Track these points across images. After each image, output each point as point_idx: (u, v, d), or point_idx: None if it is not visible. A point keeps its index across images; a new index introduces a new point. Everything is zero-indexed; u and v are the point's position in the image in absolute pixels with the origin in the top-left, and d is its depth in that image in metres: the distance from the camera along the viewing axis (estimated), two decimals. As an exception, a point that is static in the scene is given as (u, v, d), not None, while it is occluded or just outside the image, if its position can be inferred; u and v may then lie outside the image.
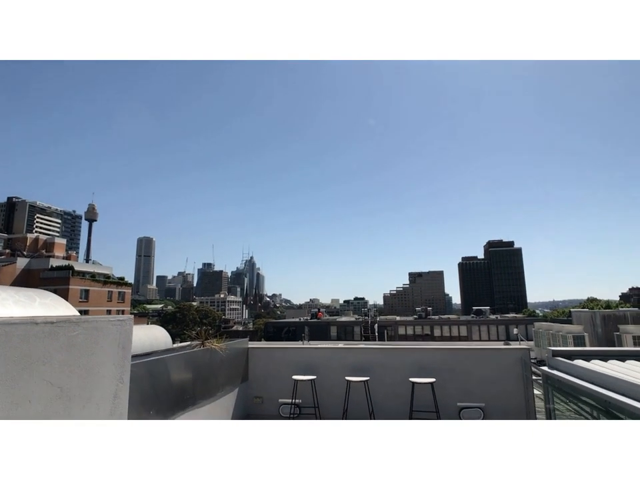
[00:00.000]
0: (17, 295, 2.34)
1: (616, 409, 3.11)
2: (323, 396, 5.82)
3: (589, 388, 3.33)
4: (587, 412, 3.79)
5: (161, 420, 3.85)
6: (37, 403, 1.80)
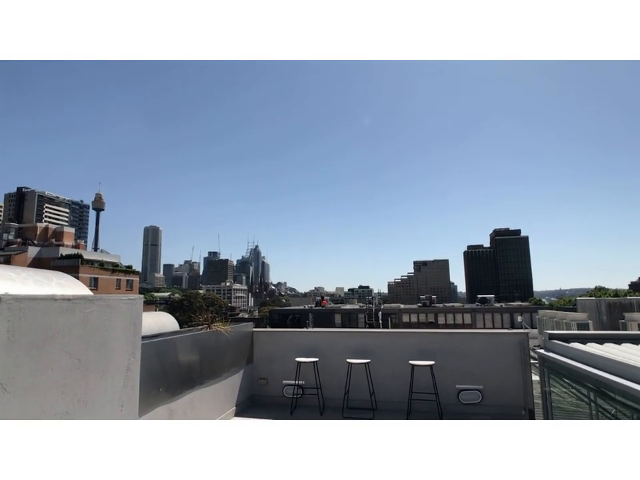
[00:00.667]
0: (35, 275, 2.49)
1: (607, 389, 3.22)
2: (325, 377, 6.00)
3: (581, 369, 3.44)
4: (583, 394, 3.91)
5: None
6: (58, 371, 1.95)
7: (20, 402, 1.75)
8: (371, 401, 5.76)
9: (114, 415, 2.32)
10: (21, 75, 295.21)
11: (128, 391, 2.43)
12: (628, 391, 2.78)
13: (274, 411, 5.84)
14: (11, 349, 1.72)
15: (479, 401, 5.55)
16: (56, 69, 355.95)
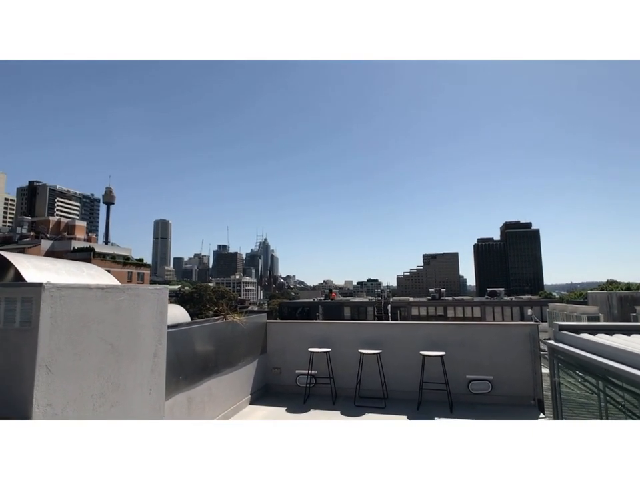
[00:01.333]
0: (68, 266, 2.64)
1: (616, 377, 3.29)
2: (338, 367, 6.13)
3: (590, 358, 3.51)
4: (592, 384, 3.98)
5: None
6: (94, 355, 2.09)
7: (62, 383, 1.90)
8: (383, 390, 5.88)
9: (143, 399, 2.46)
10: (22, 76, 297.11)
11: (155, 377, 2.58)
12: (635, 379, 2.85)
13: (288, 399, 5.99)
14: (54, 334, 1.87)
15: (489, 391, 5.64)
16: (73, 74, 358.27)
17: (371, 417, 5.21)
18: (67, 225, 68.39)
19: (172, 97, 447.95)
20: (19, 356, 1.80)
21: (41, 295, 1.83)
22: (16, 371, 1.79)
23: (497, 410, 5.34)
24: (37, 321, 1.80)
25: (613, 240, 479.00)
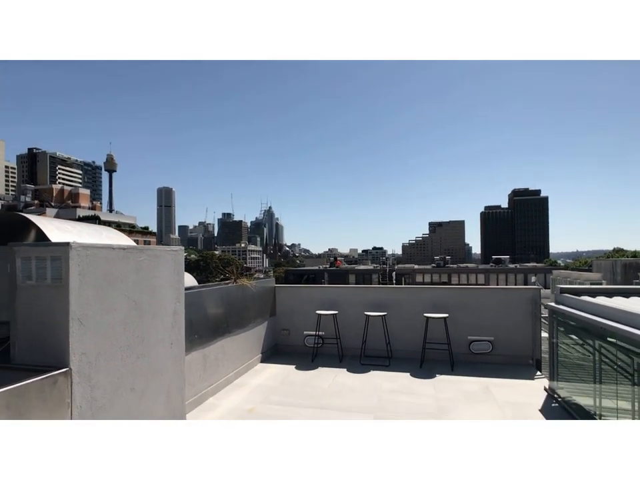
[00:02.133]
0: (87, 229, 2.76)
1: (611, 336, 3.44)
2: (344, 329, 6.37)
3: (587, 318, 3.65)
4: (589, 344, 4.13)
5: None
6: (120, 311, 2.25)
7: (93, 334, 2.06)
8: (387, 350, 6.13)
9: (165, 352, 2.64)
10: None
11: (175, 332, 2.76)
12: (630, 336, 2.98)
13: (296, 358, 6.27)
14: (83, 290, 2.01)
15: (489, 351, 5.86)
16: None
17: (376, 374, 5.47)
18: (70, 193, 68.53)
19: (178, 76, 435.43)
20: (52, 310, 1.95)
21: (69, 253, 1.95)
22: (51, 324, 1.95)
23: (495, 368, 5.57)
24: (67, 278, 1.94)
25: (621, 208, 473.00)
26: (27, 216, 2.54)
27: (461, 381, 5.14)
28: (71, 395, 1.92)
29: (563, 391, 4.48)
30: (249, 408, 4.36)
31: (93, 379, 2.04)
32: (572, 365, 4.46)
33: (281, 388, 5.00)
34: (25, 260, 2.01)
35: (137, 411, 2.36)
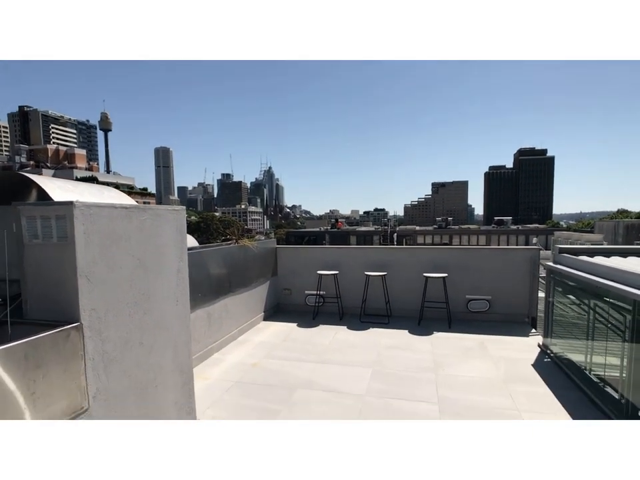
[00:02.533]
0: (89, 188, 2.77)
1: (605, 294, 3.52)
2: (345, 288, 6.50)
3: (583, 276, 3.72)
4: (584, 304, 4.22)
5: None
6: (125, 269, 2.30)
7: (100, 291, 2.12)
8: (386, 308, 6.29)
9: (171, 309, 2.73)
10: None
11: (180, 290, 2.83)
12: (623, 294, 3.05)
13: (298, 317, 6.45)
14: (88, 248, 2.05)
15: (486, 310, 6.01)
16: None
17: (375, 332, 5.64)
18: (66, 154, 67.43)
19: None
20: (60, 267, 2.00)
21: (73, 212, 1.97)
22: (60, 281, 2.00)
23: (491, 326, 5.74)
24: (73, 236, 1.97)
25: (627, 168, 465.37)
26: (28, 175, 2.54)
27: (457, 338, 5.31)
28: (84, 348, 2.00)
29: (555, 347, 4.64)
30: (253, 362, 4.55)
31: (103, 333, 2.13)
32: (566, 323, 4.59)
33: (283, 344, 5.19)
34: (29, 219, 2.03)
35: (146, 364, 2.47)
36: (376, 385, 3.88)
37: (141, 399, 2.43)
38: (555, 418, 3.25)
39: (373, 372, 4.20)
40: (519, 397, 3.60)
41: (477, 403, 3.49)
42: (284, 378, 4.09)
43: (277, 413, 3.36)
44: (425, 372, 4.17)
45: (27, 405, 1.72)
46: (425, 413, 3.32)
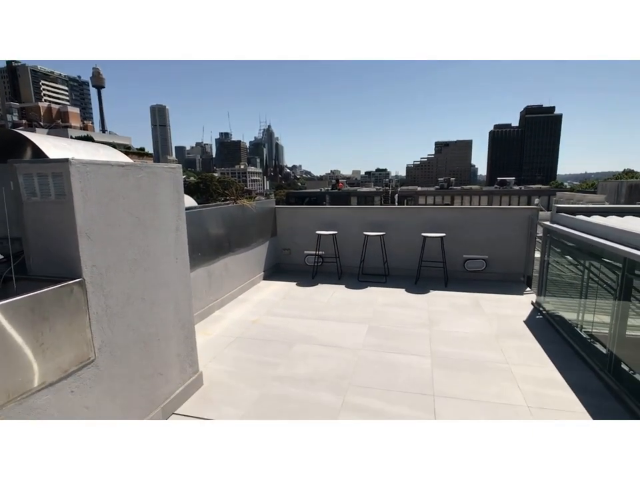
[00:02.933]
0: (84, 146, 2.75)
1: (597, 252, 3.57)
2: (343, 248, 6.58)
3: (577, 235, 3.76)
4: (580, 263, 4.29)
5: None
6: (124, 226, 2.34)
7: (101, 248, 2.17)
8: (384, 268, 6.39)
9: (171, 266, 2.79)
10: None
11: (179, 247, 2.88)
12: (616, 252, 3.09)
13: (297, 276, 6.57)
14: (87, 206, 2.07)
15: (483, 269, 6.11)
16: None
17: (373, 290, 5.77)
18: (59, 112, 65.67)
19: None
20: (60, 225, 2.03)
21: (69, 169, 1.98)
22: (61, 238, 2.05)
23: (487, 285, 5.86)
24: (70, 194, 1.99)
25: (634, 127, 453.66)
26: (22, 133, 2.52)
27: (453, 296, 5.44)
28: (87, 303, 2.08)
29: (548, 305, 4.76)
30: (253, 319, 4.69)
31: (105, 288, 2.20)
32: (559, 282, 4.69)
33: (283, 302, 5.33)
34: (26, 176, 2.05)
35: (148, 318, 2.56)
36: (371, 339, 4.03)
37: (144, 351, 2.54)
38: (541, 370, 3.39)
39: (369, 328, 4.34)
40: (509, 351, 3.74)
41: (468, 357, 3.63)
42: (283, 334, 4.24)
43: (276, 366, 3.52)
44: (419, 328, 4.32)
45: (36, 356, 1.81)
46: (417, 365, 3.47)
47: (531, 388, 3.11)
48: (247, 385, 3.20)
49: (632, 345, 3.11)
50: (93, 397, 2.15)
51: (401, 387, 3.14)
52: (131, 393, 2.43)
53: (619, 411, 2.80)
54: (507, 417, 2.75)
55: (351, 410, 2.84)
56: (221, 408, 2.90)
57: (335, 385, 3.17)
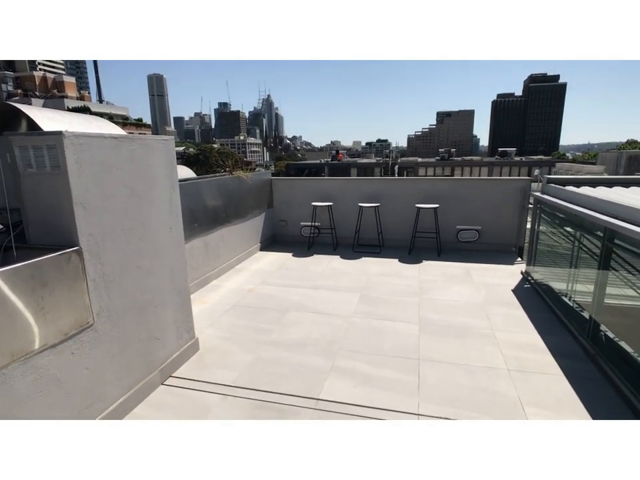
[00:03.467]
0: (77, 118, 2.79)
1: (583, 222, 3.66)
2: (339, 219, 6.66)
3: (564, 205, 3.83)
4: (570, 234, 4.38)
5: None
6: (119, 197, 2.42)
7: (96, 218, 2.26)
8: (379, 239, 6.50)
9: (165, 235, 2.88)
10: None
11: (173, 218, 2.97)
12: (596, 221, 3.17)
13: (294, 247, 6.68)
14: (82, 177, 2.15)
15: (476, 239, 6.21)
16: None
17: (367, 260, 5.90)
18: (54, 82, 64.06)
19: None
20: (56, 195, 2.11)
21: (63, 142, 2.04)
22: (57, 208, 2.13)
23: (479, 255, 5.98)
24: (65, 165, 2.06)
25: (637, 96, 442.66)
26: (16, 105, 2.55)
27: (445, 266, 5.57)
28: (84, 270, 2.19)
29: (537, 274, 4.89)
30: (249, 288, 4.84)
31: (102, 257, 2.30)
32: (548, 252, 4.80)
33: (278, 272, 5.46)
34: (22, 149, 2.10)
35: (144, 285, 2.68)
36: (362, 307, 4.18)
37: (141, 316, 2.67)
38: (524, 335, 3.55)
39: (360, 296, 4.49)
40: (495, 318, 3.89)
41: (455, 323, 3.79)
42: (278, 302, 4.38)
43: (269, 332, 3.67)
44: (409, 296, 4.46)
45: (37, 319, 1.93)
46: (404, 331, 3.63)
47: (512, 352, 3.27)
48: (241, 350, 3.37)
49: (609, 311, 3.25)
50: (93, 359, 2.29)
51: (388, 351, 3.30)
52: (128, 356, 2.58)
53: (592, 372, 2.97)
54: (486, 377, 2.92)
55: (338, 372, 3.01)
56: (216, 371, 3.07)
57: (325, 350, 3.34)
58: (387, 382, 2.88)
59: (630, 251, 2.87)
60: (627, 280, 2.99)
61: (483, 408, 2.59)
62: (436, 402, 2.65)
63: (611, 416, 2.49)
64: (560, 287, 4.19)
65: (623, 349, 2.89)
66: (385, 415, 2.53)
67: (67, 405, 2.14)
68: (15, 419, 1.86)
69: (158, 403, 2.69)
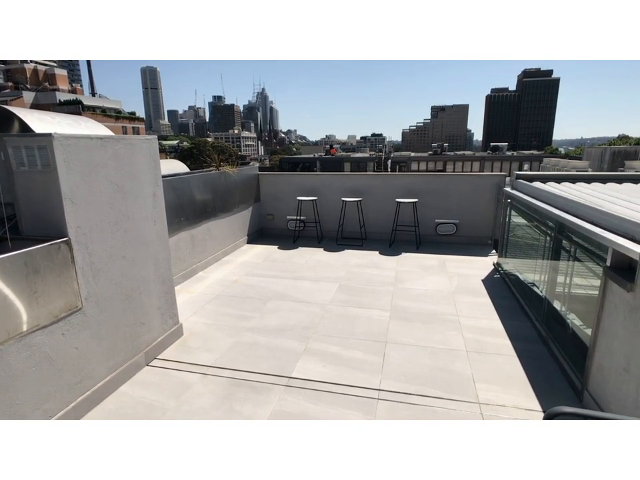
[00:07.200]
0: (66, 119, 3.00)
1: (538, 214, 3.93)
2: (323, 213, 6.90)
3: (527, 201, 4.10)
4: (535, 226, 4.64)
5: None
6: (105, 193, 2.64)
7: (84, 212, 2.48)
8: (361, 232, 6.75)
9: (149, 228, 3.11)
10: None
11: (157, 211, 3.19)
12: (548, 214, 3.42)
13: (280, 240, 6.92)
14: (70, 175, 2.37)
15: (453, 233, 6.49)
16: None
17: (349, 253, 6.16)
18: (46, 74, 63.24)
19: None
20: (47, 191, 2.33)
21: (53, 143, 2.26)
22: (48, 203, 2.35)
23: (456, 247, 6.25)
24: (55, 164, 2.28)
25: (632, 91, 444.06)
26: (9, 108, 2.76)
27: (422, 258, 5.84)
28: (73, 259, 2.42)
29: (507, 265, 5.17)
30: (234, 279, 5.08)
31: (89, 247, 2.53)
32: (517, 244, 5.07)
33: (263, 264, 5.70)
34: (15, 149, 2.32)
35: (130, 274, 2.91)
36: (340, 296, 4.44)
37: (127, 303, 2.91)
38: (487, 321, 3.82)
39: (339, 286, 4.75)
40: (461, 305, 4.17)
41: (424, 310, 4.06)
42: (260, 291, 4.63)
43: (250, 319, 3.92)
44: (385, 286, 4.72)
45: (30, 302, 2.16)
46: (376, 318, 3.89)
47: (473, 336, 3.55)
48: (222, 335, 3.62)
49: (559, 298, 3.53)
50: (82, 340, 2.53)
51: (359, 335, 3.57)
52: (115, 338, 2.82)
53: (543, 352, 3.25)
54: (446, 358, 3.19)
55: (310, 354, 3.27)
56: (198, 353, 3.32)
57: (300, 334, 3.60)
58: (354, 362, 3.14)
59: (574, 242, 3.14)
60: (571, 268, 3.27)
61: (438, 384, 2.86)
62: (397, 379, 2.92)
63: (550, 390, 2.77)
64: (524, 276, 4.47)
65: (568, 331, 3.18)
66: (350, 391, 2.80)
67: (59, 380, 2.38)
68: (12, 391, 2.10)
69: (142, 382, 2.94)
